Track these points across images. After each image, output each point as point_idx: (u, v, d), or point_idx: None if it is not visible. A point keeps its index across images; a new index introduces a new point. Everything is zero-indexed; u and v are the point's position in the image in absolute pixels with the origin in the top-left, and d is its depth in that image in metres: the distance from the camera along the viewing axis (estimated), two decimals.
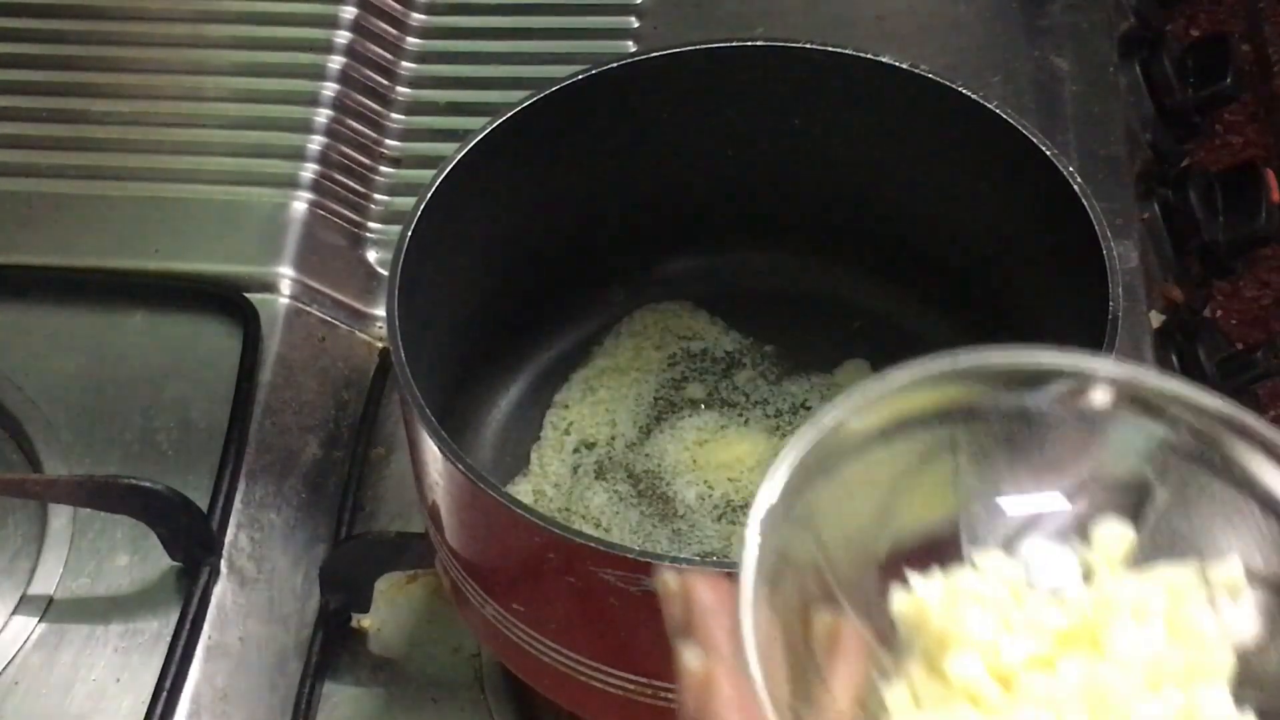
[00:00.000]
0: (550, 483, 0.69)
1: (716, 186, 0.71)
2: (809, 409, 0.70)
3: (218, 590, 0.68)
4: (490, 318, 0.69)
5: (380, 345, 0.80)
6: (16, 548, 0.70)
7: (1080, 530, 0.38)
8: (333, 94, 0.88)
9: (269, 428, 0.74)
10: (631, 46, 0.92)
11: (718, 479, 0.68)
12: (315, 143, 0.85)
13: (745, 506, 0.67)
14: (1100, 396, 0.38)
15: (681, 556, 0.63)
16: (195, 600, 0.67)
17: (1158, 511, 0.38)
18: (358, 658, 0.69)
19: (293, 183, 0.83)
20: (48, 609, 0.68)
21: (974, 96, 0.63)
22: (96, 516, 0.70)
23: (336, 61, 0.89)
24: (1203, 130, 0.92)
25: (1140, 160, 0.88)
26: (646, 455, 0.69)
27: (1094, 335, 0.55)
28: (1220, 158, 0.92)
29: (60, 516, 0.70)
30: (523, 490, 0.69)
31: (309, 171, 0.84)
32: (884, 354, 0.62)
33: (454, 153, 0.62)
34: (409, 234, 0.59)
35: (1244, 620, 0.36)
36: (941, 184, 0.67)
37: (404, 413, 0.57)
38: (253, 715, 0.67)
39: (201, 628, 0.67)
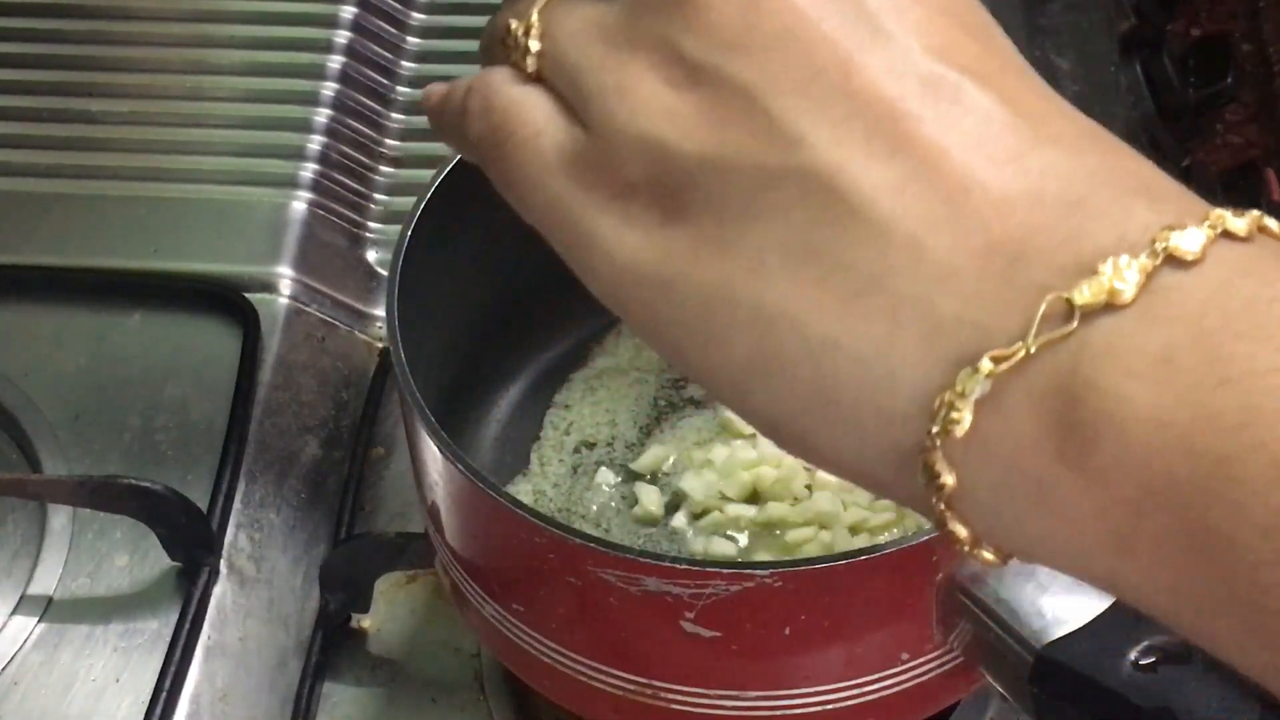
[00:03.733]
0: (550, 483, 0.69)
1: None
2: None
3: (217, 590, 0.68)
4: (490, 318, 0.69)
5: (380, 345, 0.80)
6: (16, 548, 0.70)
7: None
8: (333, 94, 0.88)
9: (269, 428, 0.74)
10: None
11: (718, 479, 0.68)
12: (315, 143, 0.85)
13: None
14: None
15: (682, 557, 0.63)
16: (195, 600, 0.67)
17: None
18: (358, 658, 0.69)
19: (293, 183, 0.83)
20: (47, 609, 0.68)
21: None
22: (96, 516, 0.69)
23: (336, 61, 0.89)
24: (1203, 130, 0.92)
25: None
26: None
27: None
28: (1221, 158, 0.92)
29: (60, 516, 0.70)
30: (523, 490, 0.69)
31: (309, 171, 0.84)
32: None
33: (454, 153, 0.62)
34: (409, 234, 0.59)
35: None
36: None
37: (404, 413, 0.57)
38: (253, 715, 0.67)
39: (201, 628, 0.67)
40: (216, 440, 0.72)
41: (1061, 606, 0.48)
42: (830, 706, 0.54)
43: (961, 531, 0.29)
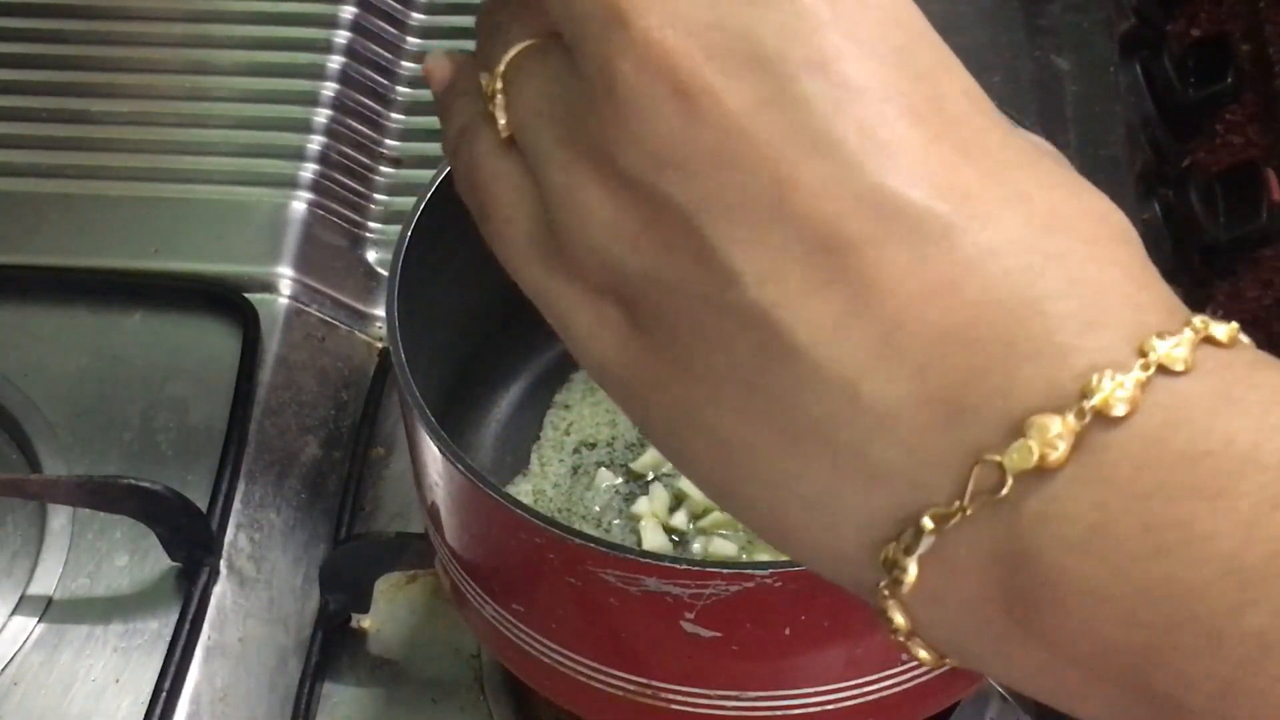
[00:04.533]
0: (550, 483, 0.69)
1: None
2: None
3: (217, 590, 0.68)
4: (490, 318, 0.69)
5: (380, 345, 0.80)
6: (16, 548, 0.70)
7: None
8: (333, 94, 0.88)
9: (269, 428, 0.74)
10: None
11: None
12: (315, 143, 0.85)
13: None
14: None
15: (682, 558, 0.63)
16: (195, 600, 0.67)
17: None
18: (358, 658, 0.69)
19: (293, 183, 0.83)
20: (47, 609, 0.68)
21: None
22: (96, 516, 0.70)
23: (336, 61, 0.89)
24: (1203, 130, 0.92)
25: (1140, 160, 0.88)
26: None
27: None
28: (1220, 158, 0.91)
29: (60, 516, 0.70)
30: (523, 490, 0.69)
31: (309, 171, 0.84)
32: None
33: None
34: (409, 234, 0.59)
35: None
36: None
37: (404, 413, 0.57)
38: (253, 715, 0.67)
39: (201, 628, 0.67)
40: (216, 440, 0.72)
41: None
42: (830, 706, 0.54)
43: (925, 656, 0.29)
